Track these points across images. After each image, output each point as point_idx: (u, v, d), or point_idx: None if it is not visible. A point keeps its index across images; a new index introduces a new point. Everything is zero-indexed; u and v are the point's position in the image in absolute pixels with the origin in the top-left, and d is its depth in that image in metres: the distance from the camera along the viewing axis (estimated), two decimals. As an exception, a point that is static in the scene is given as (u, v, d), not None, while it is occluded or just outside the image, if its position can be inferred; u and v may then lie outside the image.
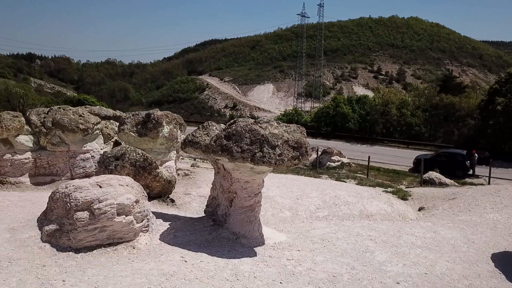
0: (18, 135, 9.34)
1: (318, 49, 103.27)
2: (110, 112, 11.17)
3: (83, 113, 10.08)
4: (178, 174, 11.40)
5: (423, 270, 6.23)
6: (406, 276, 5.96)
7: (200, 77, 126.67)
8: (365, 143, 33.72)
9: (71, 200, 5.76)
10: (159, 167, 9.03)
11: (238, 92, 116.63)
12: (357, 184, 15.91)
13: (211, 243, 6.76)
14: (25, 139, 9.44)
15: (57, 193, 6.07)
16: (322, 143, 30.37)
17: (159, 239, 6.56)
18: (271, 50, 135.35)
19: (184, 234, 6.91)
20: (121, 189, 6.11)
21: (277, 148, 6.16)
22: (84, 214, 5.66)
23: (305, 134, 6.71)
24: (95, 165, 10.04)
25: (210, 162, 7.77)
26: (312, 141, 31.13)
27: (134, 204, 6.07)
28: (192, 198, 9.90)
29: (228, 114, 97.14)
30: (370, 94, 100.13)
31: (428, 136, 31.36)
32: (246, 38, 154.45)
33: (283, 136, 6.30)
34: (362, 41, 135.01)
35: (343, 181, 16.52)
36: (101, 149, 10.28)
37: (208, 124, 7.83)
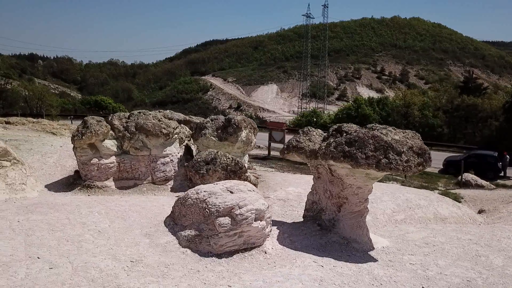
0: (104, 139, 9.43)
1: (322, 50, 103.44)
2: (181, 116, 11.28)
3: (161, 118, 10.18)
4: (248, 178, 11.51)
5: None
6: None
7: (203, 77, 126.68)
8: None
9: (210, 206, 5.86)
10: (248, 171, 9.14)
11: (242, 93, 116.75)
12: (402, 185, 16.05)
13: (326, 247, 6.88)
14: (110, 144, 9.53)
15: (189, 199, 6.18)
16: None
17: (279, 243, 6.68)
18: (274, 50, 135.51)
19: (298, 238, 7.03)
20: (252, 195, 6.22)
21: (403, 155, 6.28)
22: (226, 220, 5.77)
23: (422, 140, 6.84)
24: (174, 169, 10.15)
25: (310, 168, 7.87)
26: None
27: (266, 209, 6.18)
28: (273, 201, 9.99)
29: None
30: (374, 94, 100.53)
31: (450, 137, 31.56)
32: (249, 39, 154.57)
33: (407, 142, 6.43)
34: (365, 41, 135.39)
35: (387, 183, 16.65)
36: (178, 153, 10.39)
37: (309, 129, 7.96)
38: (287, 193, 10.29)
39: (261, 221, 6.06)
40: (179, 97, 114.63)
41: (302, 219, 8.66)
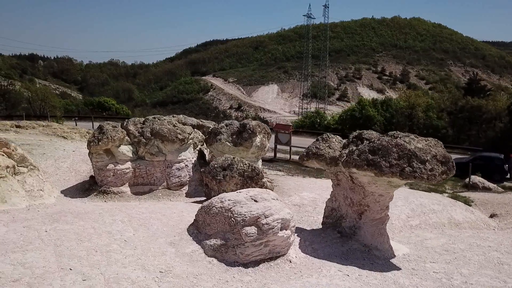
0: (119, 145, 9.42)
1: (323, 50, 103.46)
2: (194, 121, 11.27)
3: (175, 123, 10.18)
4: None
5: None
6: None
7: (204, 77, 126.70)
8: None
9: (235, 215, 5.85)
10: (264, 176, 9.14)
11: (243, 93, 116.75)
12: (410, 188, 16.04)
13: (348, 255, 6.89)
14: (126, 149, 9.52)
15: (213, 208, 6.17)
16: (349, 146, 30.57)
17: (302, 251, 6.67)
18: (274, 50, 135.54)
19: (319, 246, 7.03)
20: (277, 204, 6.22)
21: (427, 163, 6.28)
22: (252, 230, 5.76)
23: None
24: (188, 174, 10.15)
25: (329, 174, 7.87)
26: (338, 144, 31.34)
27: (291, 218, 6.18)
28: (288, 207, 9.99)
29: (233, 115, 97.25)
30: (375, 94, 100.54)
31: (454, 139, 31.57)
32: (249, 39, 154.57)
33: (431, 150, 6.43)
34: (365, 41, 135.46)
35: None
36: (192, 158, 10.38)
37: (328, 136, 7.96)
38: (302, 198, 10.29)
39: (286, 230, 6.06)
40: (180, 98, 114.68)
41: (318, 225, 8.68)
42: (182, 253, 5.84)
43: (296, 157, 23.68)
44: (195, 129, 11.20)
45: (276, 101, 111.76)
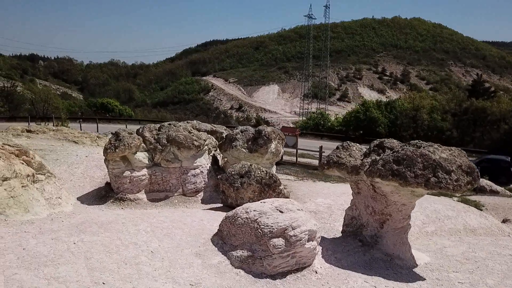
0: (136, 152, 9.40)
1: (323, 50, 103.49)
2: (208, 126, 11.26)
3: (191, 130, 10.16)
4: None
5: None
6: None
7: (204, 78, 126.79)
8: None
9: (262, 227, 5.84)
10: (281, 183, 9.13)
11: (243, 93, 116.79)
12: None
13: (371, 265, 6.87)
14: (142, 156, 9.51)
15: (239, 218, 6.16)
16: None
17: (326, 261, 6.66)
18: (275, 51, 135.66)
19: (342, 255, 7.01)
20: (302, 214, 6.21)
21: (452, 174, 6.27)
22: (280, 241, 5.75)
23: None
24: (204, 181, 10.14)
25: (349, 183, 7.86)
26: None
27: (317, 230, 6.17)
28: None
29: (234, 115, 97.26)
30: (375, 95, 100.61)
31: (458, 141, 31.59)
32: (250, 39, 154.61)
33: (456, 161, 6.42)
34: (366, 42, 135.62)
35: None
36: (207, 165, 10.36)
37: (348, 144, 7.94)
38: (317, 204, 10.28)
39: (312, 241, 6.06)
40: (181, 98, 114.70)
41: (335, 232, 8.68)
42: (208, 264, 5.83)
43: (303, 160, 23.72)
44: (209, 135, 11.19)
45: (277, 102, 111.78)
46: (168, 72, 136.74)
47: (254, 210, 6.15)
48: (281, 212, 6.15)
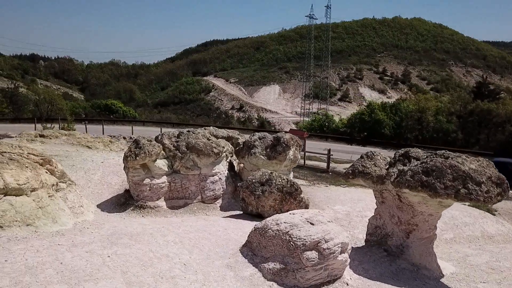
0: (156, 159, 9.39)
1: (324, 50, 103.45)
2: (224, 133, 11.25)
3: (209, 137, 10.16)
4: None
5: None
6: None
7: (205, 78, 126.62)
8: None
9: (294, 239, 5.83)
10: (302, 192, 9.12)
11: (244, 93, 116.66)
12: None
13: (398, 275, 6.88)
14: (162, 164, 9.50)
15: (269, 230, 6.15)
16: (360, 150, 30.52)
17: (354, 272, 6.66)
18: (276, 51, 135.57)
19: (369, 266, 7.02)
20: (333, 226, 6.20)
21: (482, 185, 6.27)
22: (313, 254, 5.74)
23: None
24: (222, 187, 10.13)
25: (374, 192, 7.86)
26: (348, 148, 31.30)
27: (349, 242, 6.16)
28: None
29: (235, 116, 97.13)
30: (376, 95, 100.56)
31: (463, 143, 31.60)
32: (250, 39, 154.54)
33: (485, 172, 6.42)
34: (366, 42, 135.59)
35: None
36: (225, 171, 10.36)
37: (373, 153, 7.94)
38: (335, 212, 10.28)
39: (344, 253, 6.05)
40: (181, 98, 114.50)
41: (356, 240, 8.69)
42: (241, 277, 5.82)
43: (310, 162, 23.68)
44: (225, 141, 11.18)
45: (277, 102, 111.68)
46: (168, 72, 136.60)
47: (284, 222, 6.14)
48: (312, 224, 6.14)
